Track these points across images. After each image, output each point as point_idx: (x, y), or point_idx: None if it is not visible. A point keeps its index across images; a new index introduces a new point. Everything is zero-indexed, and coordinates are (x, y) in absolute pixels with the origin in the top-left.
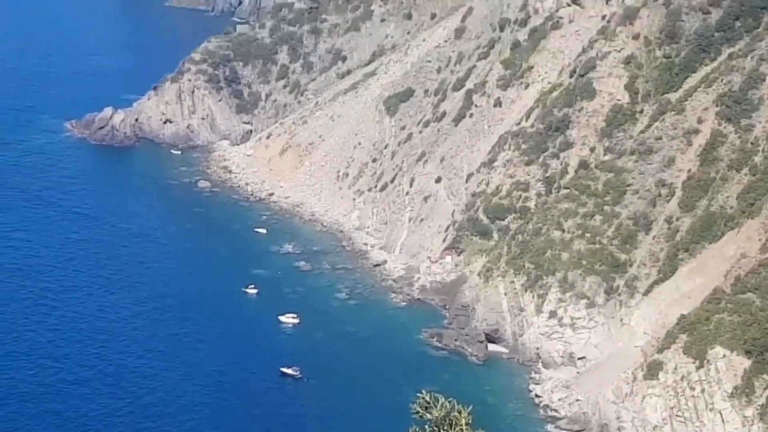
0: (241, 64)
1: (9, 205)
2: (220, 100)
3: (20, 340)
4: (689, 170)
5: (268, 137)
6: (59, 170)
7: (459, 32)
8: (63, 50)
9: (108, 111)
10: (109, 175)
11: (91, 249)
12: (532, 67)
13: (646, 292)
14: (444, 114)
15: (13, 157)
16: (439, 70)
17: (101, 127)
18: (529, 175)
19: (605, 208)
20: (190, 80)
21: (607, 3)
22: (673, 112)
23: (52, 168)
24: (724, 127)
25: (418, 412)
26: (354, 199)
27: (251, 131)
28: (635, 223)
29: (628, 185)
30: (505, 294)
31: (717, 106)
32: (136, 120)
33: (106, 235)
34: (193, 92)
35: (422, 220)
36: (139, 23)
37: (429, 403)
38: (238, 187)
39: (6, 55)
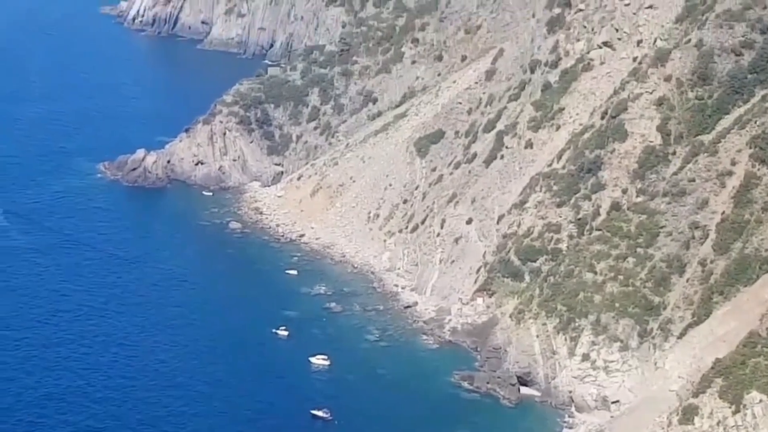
0: (272, 105)
1: (43, 248)
2: (251, 142)
3: (58, 383)
4: (723, 212)
5: (299, 178)
6: (92, 212)
7: (490, 74)
8: (97, 92)
9: (140, 153)
10: (142, 216)
11: (123, 291)
12: (563, 109)
13: (681, 336)
14: (475, 155)
15: (47, 198)
16: (469, 112)
17: (134, 169)
18: (560, 216)
19: (638, 250)
20: (221, 122)
21: (638, 45)
22: (706, 154)
23: (85, 210)
24: (758, 169)
25: None
26: (385, 241)
27: (282, 173)
28: (669, 265)
29: (661, 227)
30: (538, 336)
31: (750, 147)
32: (168, 162)
33: (139, 278)
34: (224, 134)
35: (453, 261)
36: (173, 66)
37: None
38: (269, 228)
39: (41, 97)
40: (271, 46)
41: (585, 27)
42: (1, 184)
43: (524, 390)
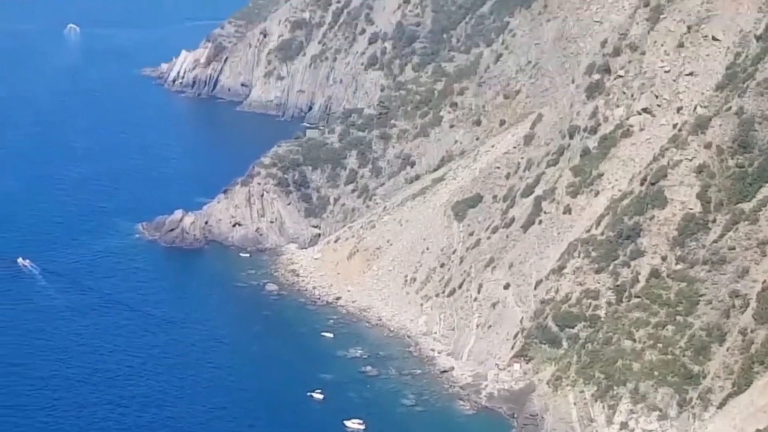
0: (310, 168)
1: (82, 308)
2: (289, 204)
3: None
4: (764, 281)
5: (336, 241)
6: (131, 272)
7: (528, 139)
8: (137, 153)
9: (178, 213)
10: (179, 277)
11: (161, 352)
12: (602, 175)
13: (720, 405)
14: (513, 220)
15: (87, 258)
16: (508, 176)
17: (172, 230)
18: (599, 283)
19: (677, 318)
20: (259, 184)
21: (678, 112)
22: (746, 222)
23: (123, 270)
24: None
25: None
26: (421, 305)
27: (319, 235)
28: (708, 334)
29: (701, 295)
30: (575, 404)
31: None
32: (206, 223)
33: (177, 339)
34: (262, 196)
35: (490, 326)
36: (212, 127)
37: None
38: (306, 290)
39: (83, 157)
40: (310, 108)
41: (624, 93)
42: (42, 244)
43: None
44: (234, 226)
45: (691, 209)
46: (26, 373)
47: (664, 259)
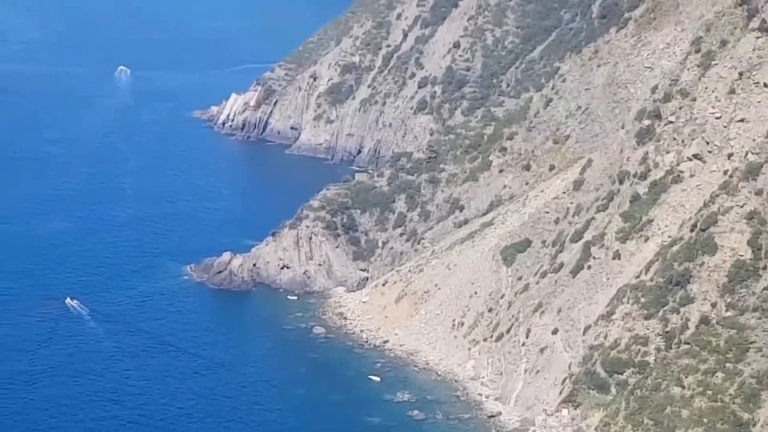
0: (358, 211)
1: (132, 349)
2: (337, 247)
3: None
4: None
5: (384, 284)
6: (179, 314)
7: (578, 184)
8: (186, 194)
9: (227, 256)
10: (227, 319)
11: (210, 395)
12: (652, 221)
13: None
14: (562, 265)
15: (135, 300)
16: (557, 221)
17: (220, 272)
18: (648, 329)
19: (727, 365)
20: (308, 227)
21: (729, 158)
22: None
23: (171, 312)
24: None
25: None
26: (469, 349)
27: (367, 278)
28: (758, 381)
29: (751, 342)
30: None
31: None
32: (254, 265)
33: (225, 382)
34: (310, 239)
35: (538, 371)
36: (261, 170)
37: None
38: (353, 333)
39: (132, 199)
40: (359, 152)
41: (675, 139)
42: (91, 285)
43: None
44: (282, 268)
45: (741, 256)
46: (75, 414)
47: (713, 305)
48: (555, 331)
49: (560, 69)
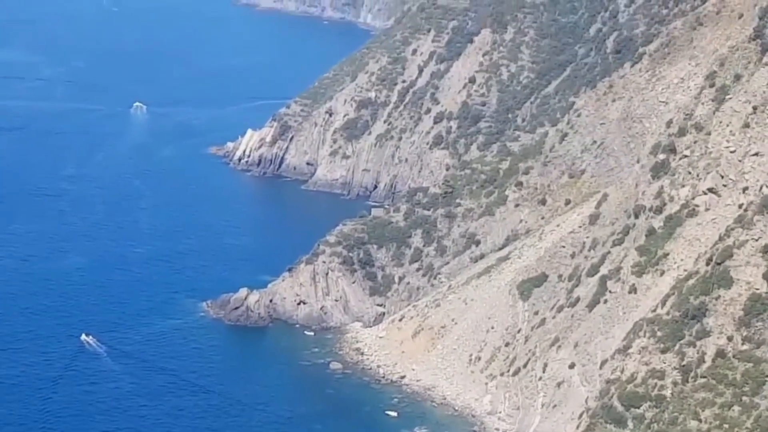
0: (375, 246)
1: (147, 387)
2: (353, 283)
3: None
4: None
5: (400, 320)
6: (196, 351)
7: (593, 218)
8: (202, 231)
9: (243, 292)
10: (243, 356)
11: None
12: (667, 255)
13: None
14: (578, 299)
15: (151, 336)
16: (573, 256)
17: (236, 308)
18: (664, 363)
19: (744, 398)
20: (324, 262)
21: (744, 192)
22: None
23: (188, 349)
24: None
25: None
26: (486, 384)
27: (384, 313)
28: None
29: (767, 376)
30: None
31: None
32: (271, 301)
33: (242, 419)
34: (327, 274)
35: (555, 406)
36: (277, 205)
37: None
38: (370, 369)
39: (148, 236)
40: (375, 187)
41: (690, 173)
42: (106, 321)
43: None
44: (299, 304)
45: (757, 289)
46: None
47: (729, 339)
48: (572, 366)
49: (575, 104)
